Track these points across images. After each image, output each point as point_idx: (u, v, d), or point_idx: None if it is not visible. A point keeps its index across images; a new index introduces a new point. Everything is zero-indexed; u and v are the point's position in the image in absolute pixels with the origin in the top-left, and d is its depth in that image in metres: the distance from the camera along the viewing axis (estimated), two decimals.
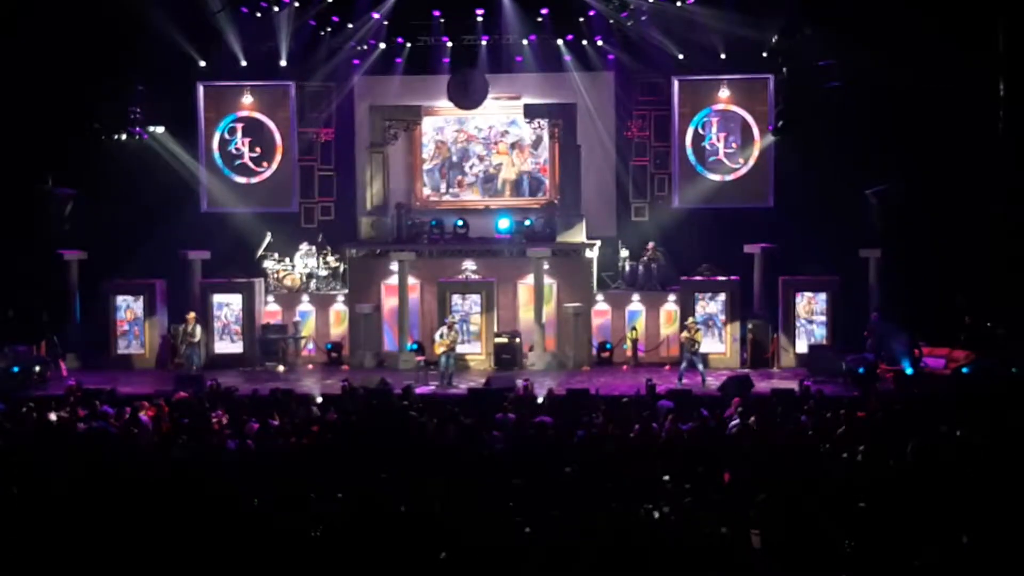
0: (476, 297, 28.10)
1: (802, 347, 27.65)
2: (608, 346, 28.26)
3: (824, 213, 27.59)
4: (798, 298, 27.91)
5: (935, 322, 26.05)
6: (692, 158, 30.09)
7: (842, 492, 13.48)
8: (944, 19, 25.24)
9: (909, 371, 24.20)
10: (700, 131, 30.07)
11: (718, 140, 30.09)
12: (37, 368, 25.88)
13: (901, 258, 27.20)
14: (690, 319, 26.58)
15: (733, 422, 18.58)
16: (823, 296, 27.86)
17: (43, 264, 28.41)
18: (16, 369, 25.23)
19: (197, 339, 27.32)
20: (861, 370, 24.17)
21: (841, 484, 13.99)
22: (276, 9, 28.31)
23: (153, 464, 15.85)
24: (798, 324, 27.86)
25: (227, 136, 30.82)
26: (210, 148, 30.79)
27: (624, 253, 29.32)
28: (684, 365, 25.65)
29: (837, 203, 27.54)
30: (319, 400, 22.05)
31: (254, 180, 30.92)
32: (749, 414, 18.77)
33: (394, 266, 28.62)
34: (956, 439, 16.43)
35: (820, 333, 27.74)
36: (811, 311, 27.84)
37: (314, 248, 29.70)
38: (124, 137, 28.56)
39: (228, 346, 28.74)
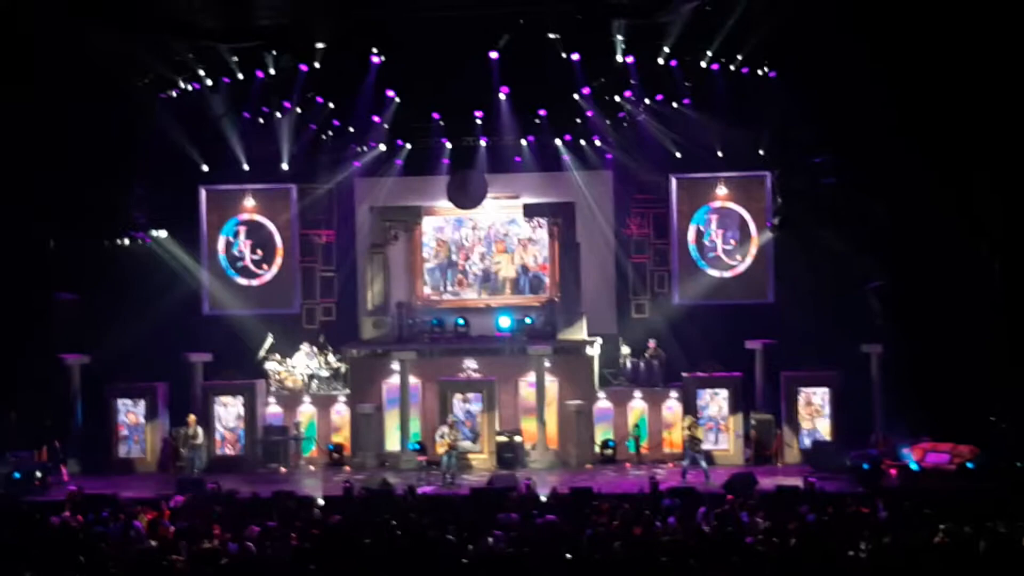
0: (477, 396, 28.05)
1: (806, 443, 27.51)
2: (611, 443, 28.13)
3: (825, 308, 27.64)
4: (800, 396, 27.83)
5: (939, 416, 25.97)
6: (695, 254, 30.22)
7: None
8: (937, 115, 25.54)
9: (914, 467, 24.05)
10: (701, 228, 30.25)
11: (717, 236, 30.26)
12: (39, 473, 25.75)
13: (903, 353, 27.18)
14: (688, 417, 26.53)
15: (744, 518, 18.45)
16: (825, 391, 27.80)
17: (45, 369, 28.41)
18: (17, 475, 25.10)
19: (199, 442, 27.23)
20: (865, 466, 24.03)
21: None
22: (278, 114, 28.67)
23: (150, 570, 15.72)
24: (802, 420, 27.76)
25: (231, 239, 31.00)
26: (214, 250, 30.96)
27: (625, 350, 29.33)
28: (687, 462, 25.55)
29: (837, 298, 27.66)
30: (321, 502, 21.89)
31: (255, 282, 31.04)
32: (754, 512, 18.65)
33: (395, 365, 28.61)
34: (962, 535, 16.30)
35: (823, 428, 27.66)
36: (814, 411, 27.76)
37: (315, 349, 29.73)
38: (127, 241, 28.80)
39: (228, 449, 28.64)
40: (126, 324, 28.70)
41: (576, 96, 27.97)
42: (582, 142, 29.75)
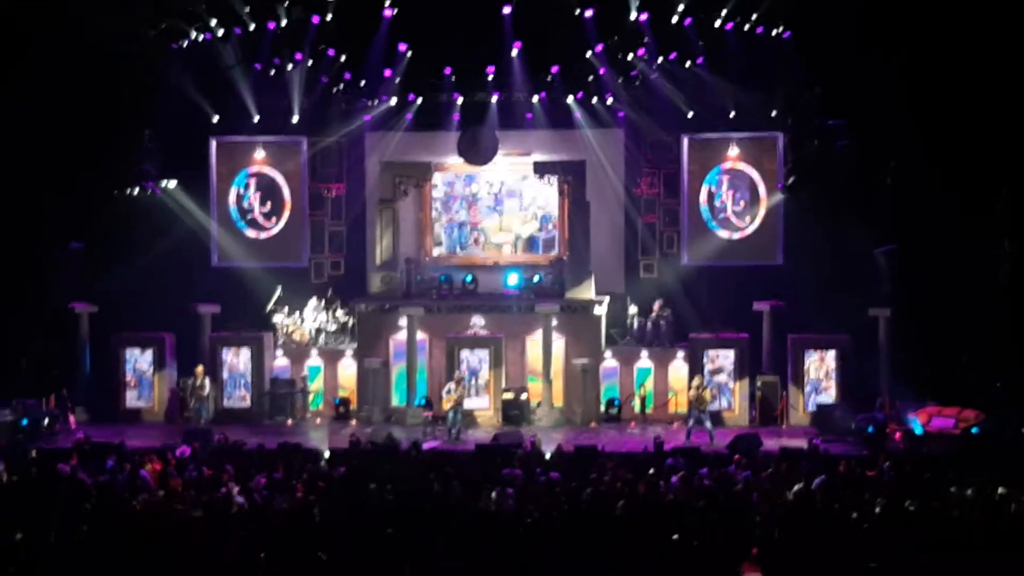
0: (484, 352, 28.10)
1: (811, 405, 27.55)
2: (616, 403, 28.19)
3: (833, 271, 27.60)
4: (808, 357, 27.84)
5: (945, 381, 26.00)
6: (706, 214, 30.13)
7: (855, 552, 13.44)
8: (952, 81, 25.46)
9: (919, 431, 24.09)
10: (712, 189, 30.14)
11: (727, 198, 30.16)
12: (46, 421, 25.92)
13: (911, 317, 27.16)
14: (697, 377, 26.54)
15: (744, 474, 18.53)
16: (832, 354, 27.81)
17: (54, 317, 28.51)
18: (25, 422, 25.27)
19: (206, 393, 27.33)
20: (871, 429, 24.07)
21: (854, 544, 13.95)
22: (289, 66, 28.56)
23: (156, 517, 15.83)
24: (808, 382, 27.79)
25: (242, 190, 30.97)
26: (224, 202, 30.92)
27: (633, 310, 29.34)
28: (692, 423, 25.60)
29: (846, 262, 27.59)
30: (327, 455, 22.01)
31: (263, 235, 31.04)
32: (758, 471, 18.72)
33: (403, 321, 28.66)
34: (964, 499, 16.37)
35: (829, 392, 27.69)
36: (822, 369, 27.77)
37: (323, 303, 29.76)
38: (136, 191, 28.80)
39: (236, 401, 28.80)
40: (134, 274, 28.79)
41: (589, 53, 27.82)
42: (594, 100, 29.60)
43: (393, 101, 29.72)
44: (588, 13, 26.36)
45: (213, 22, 27.20)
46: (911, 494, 16.88)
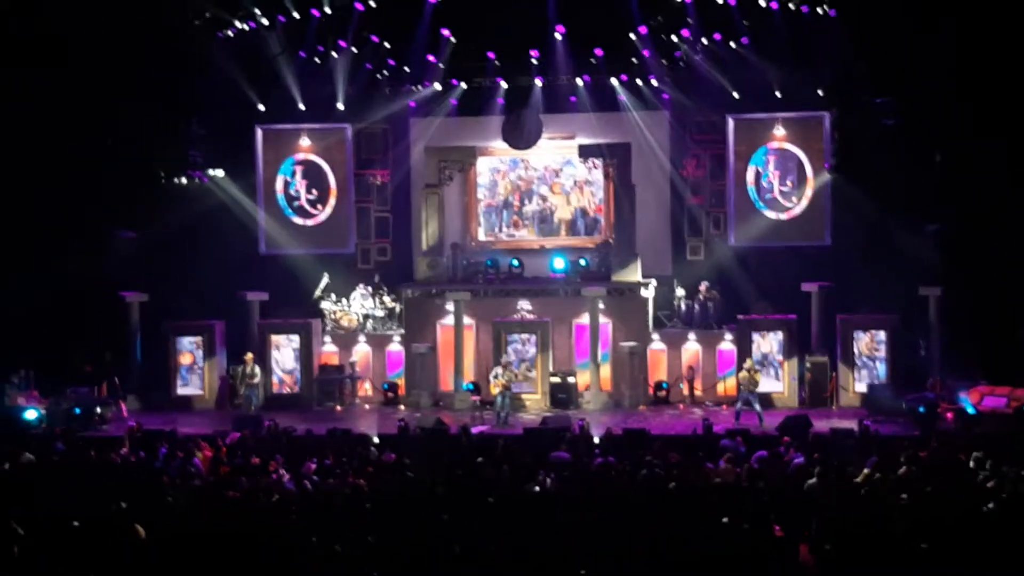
0: (531, 337, 28.12)
1: (861, 386, 27.36)
2: (664, 385, 28.12)
3: (882, 251, 27.39)
4: (857, 338, 27.64)
5: (997, 360, 25.74)
6: (752, 195, 29.93)
7: (906, 533, 13.35)
8: (1001, 55, 25.14)
9: (971, 410, 23.87)
10: (759, 169, 29.94)
11: (774, 178, 29.95)
12: (98, 409, 26.18)
13: (962, 296, 26.90)
14: (749, 360, 26.40)
15: (797, 460, 18.43)
16: (882, 334, 27.59)
17: (105, 306, 28.80)
18: (78, 410, 25.56)
19: (256, 380, 27.54)
20: (922, 409, 23.88)
21: (906, 525, 13.85)
22: (334, 54, 28.65)
23: (207, 504, 15.96)
24: (858, 362, 27.59)
25: (288, 178, 31.11)
26: (270, 190, 31.08)
27: (680, 292, 29.23)
28: (740, 405, 25.48)
29: (895, 241, 27.34)
30: (376, 440, 22.12)
31: (310, 222, 31.17)
32: (809, 453, 18.63)
33: (450, 306, 28.71)
34: (1018, 479, 16.20)
35: (881, 371, 27.48)
36: (872, 349, 27.56)
37: (371, 289, 29.88)
38: (184, 180, 29.03)
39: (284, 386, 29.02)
40: (184, 262, 29.04)
41: (633, 35, 27.70)
42: (638, 82, 29.47)
43: (437, 86, 29.75)
44: None
45: (257, 11, 27.31)
46: (962, 474, 16.75)
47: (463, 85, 29.85)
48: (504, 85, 29.62)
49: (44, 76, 26.03)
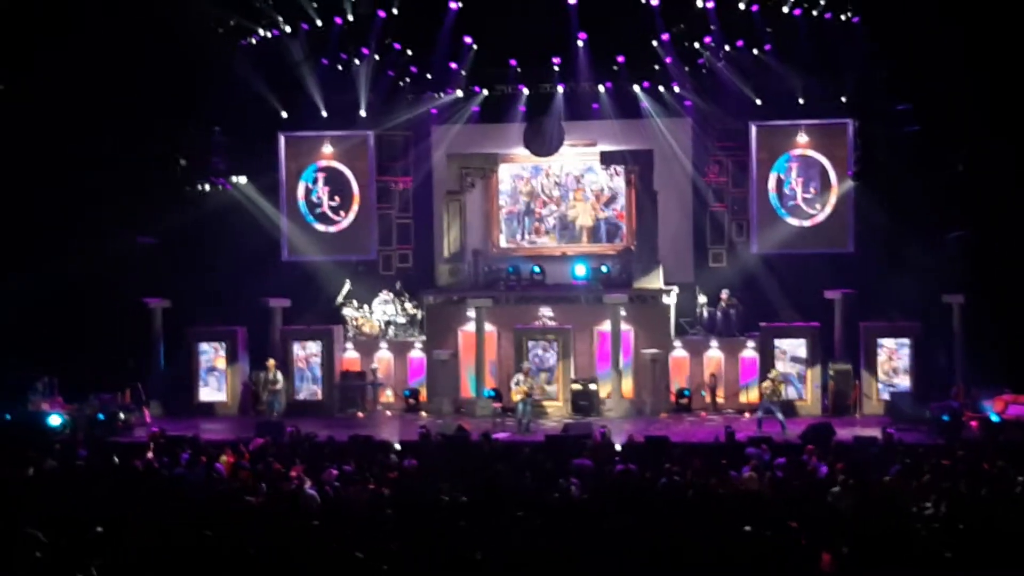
0: (553, 344, 28.10)
1: (884, 394, 27.25)
2: (686, 393, 28.06)
3: (905, 258, 27.26)
4: (880, 346, 27.53)
5: (1021, 369, 25.59)
6: (775, 202, 29.85)
7: (930, 542, 13.28)
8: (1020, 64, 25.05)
9: (995, 419, 23.74)
10: (781, 176, 29.87)
11: (797, 185, 29.88)
12: (122, 415, 26.28)
13: (985, 304, 26.77)
14: (774, 370, 26.32)
15: (820, 468, 18.37)
16: (905, 342, 27.48)
17: (128, 312, 28.91)
18: (102, 416, 25.67)
19: (279, 386, 27.59)
20: (946, 417, 23.76)
21: (929, 533, 13.78)
22: (357, 61, 28.74)
23: (229, 510, 15.99)
24: (881, 371, 27.48)
25: (310, 185, 31.20)
26: (293, 197, 31.16)
27: (702, 299, 29.17)
28: (761, 413, 25.40)
29: (919, 248, 27.21)
30: (397, 447, 22.13)
31: (332, 229, 31.23)
32: (832, 462, 18.55)
33: (471, 313, 28.73)
34: None
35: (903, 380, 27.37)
36: (893, 364, 27.46)
37: (392, 295, 29.93)
38: (207, 187, 29.15)
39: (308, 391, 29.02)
40: (206, 269, 29.14)
41: (655, 42, 27.69)
42: (661, 89, 29.45)
43: (459, 93, 29.80)
44: (654, 1, 26.26)
45: (280, 18, 27.43)
46: (987, 483, 16.65)
47: (485, 92, 29.91)
48: (526, 92, 29.67)
49: (67, 80, 26.15)
